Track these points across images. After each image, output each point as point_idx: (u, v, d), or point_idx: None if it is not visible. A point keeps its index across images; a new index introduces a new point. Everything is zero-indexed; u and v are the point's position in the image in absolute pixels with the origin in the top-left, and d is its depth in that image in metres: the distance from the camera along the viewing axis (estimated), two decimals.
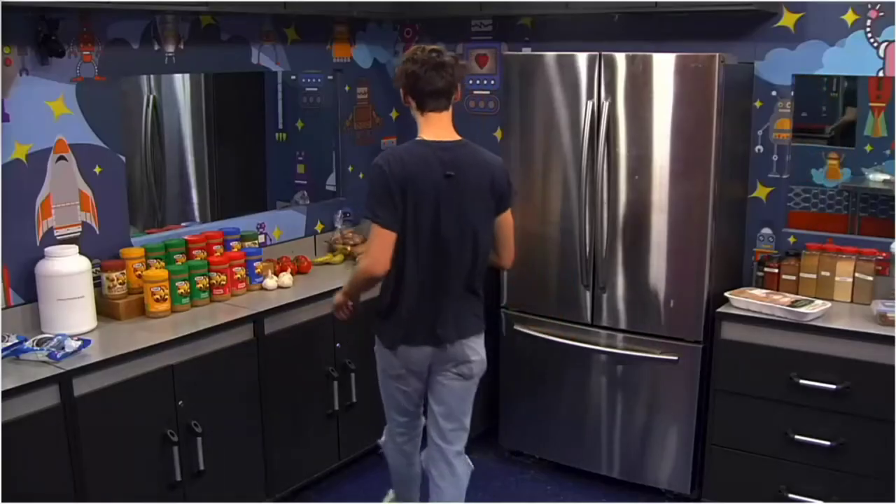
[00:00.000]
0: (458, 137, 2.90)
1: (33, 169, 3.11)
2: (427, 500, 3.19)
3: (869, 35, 3.44)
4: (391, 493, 3.48)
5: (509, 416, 4.02)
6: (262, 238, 3.95)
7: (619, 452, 3.72)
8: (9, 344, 2.81)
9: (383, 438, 3.29)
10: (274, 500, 3.48)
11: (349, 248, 4.09)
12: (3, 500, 2.17)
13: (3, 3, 2.60)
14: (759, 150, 3.73)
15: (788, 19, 3.59)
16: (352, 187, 4.50)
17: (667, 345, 3.53)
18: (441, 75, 2.79)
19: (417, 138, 2.88)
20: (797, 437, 3.25)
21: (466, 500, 3.38)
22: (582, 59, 3.53)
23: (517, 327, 3.88)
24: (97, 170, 3.33)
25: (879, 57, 3.43)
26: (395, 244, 2.78)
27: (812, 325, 3.22)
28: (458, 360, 2.97)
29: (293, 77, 4.43)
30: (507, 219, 2.98)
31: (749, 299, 3.39)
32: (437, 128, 2.86)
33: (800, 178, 3.75)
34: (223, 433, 3.21)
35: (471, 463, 3.15)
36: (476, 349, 3.02)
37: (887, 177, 3.65)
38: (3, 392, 2.54)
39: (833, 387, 3.16)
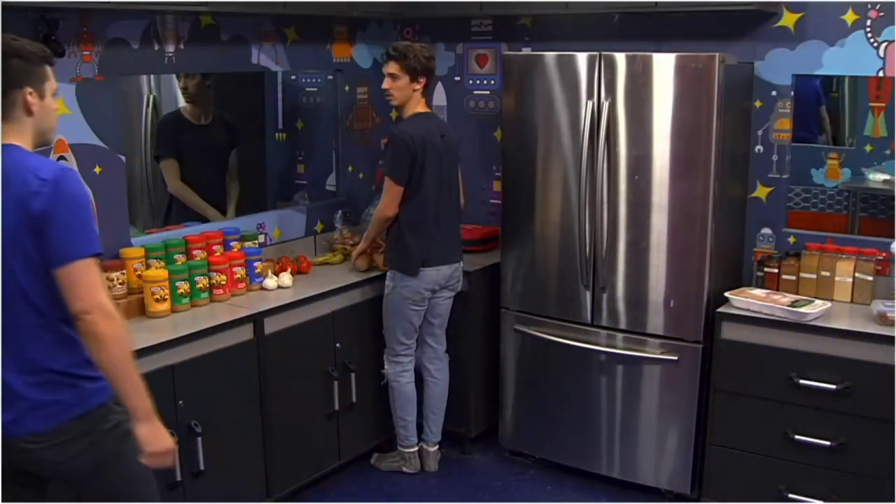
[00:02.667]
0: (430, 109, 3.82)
1: None
2: (424, 394, 3.91)
3: (869, 35, 3.44)
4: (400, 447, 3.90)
5: (509, 416, 4.02)
6: (262, 238, 3.95)
7: (619, 452, 3.72)
8: None
9: (389, 369, 3.81)
10: (274, 500, 3.48)
11: (349, 248, 4.09)
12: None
13: (3, 3, 2.60)
14: (759, 150, 3.73)
15: (788, 19, 3.59)
16: (352, 187, 4.50)
17: (667, 345, 3.53)
18: None
19: (418, 112, 3.66)
20: (797, 437, 3.25)
21: (466, 501, 3.65)
22: (582, 59, 3.53)
23: (517, 327, 3.88)
24: (97, 170, 3.33)
25: (879, 57, 3.43)
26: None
27: (812, 325, 3.22)
28: (455, 279, 3.77)
29: (293, 77, 4.43)
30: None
31: (749, 299, 3.39)
32: (424, 102, 3.71)
33: (800, 178, 3.75)
34: (223, 433, 3.21)
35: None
36: (461, 269, 3.83)
37: (887, 177, 3.65)
38: None
39: (833, 387, 3.16)
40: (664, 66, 3.37)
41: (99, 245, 2.11)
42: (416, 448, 3.90)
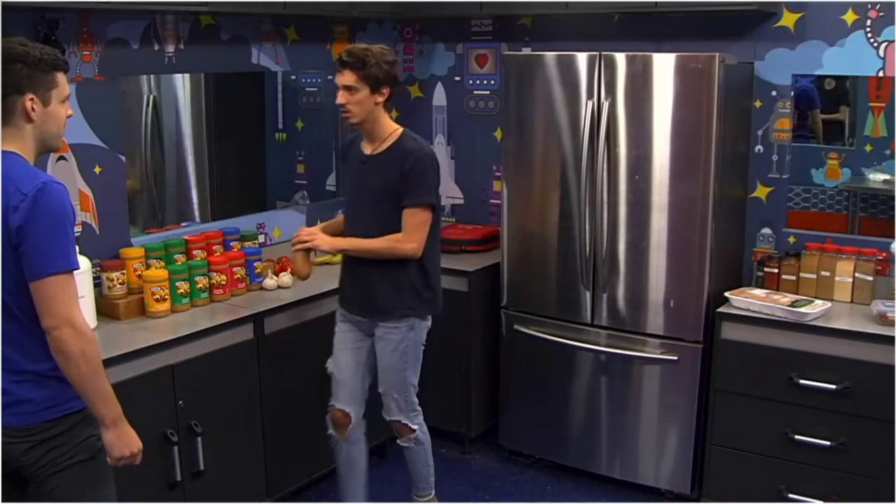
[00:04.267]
0: None
1: None
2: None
3: (869, 35, 3.44)
4: (431, 494, 3.48)
5: (509, 416, 4.02)
6: (262, 238, 3.95)
7: (619, 452, 3.72)
8: None
9: (416, 426, 3.30)
10: (274, 500, 3.48)
11: None
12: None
13: (3, 3, 2.60)
14: (759, 150, 3.74)
15: (788, 19, 3.59)
16: None
17: (667, 345, 3.53)
18: None
19: (402, 128, 3.14)
20: (797, 437, 3.25)
21: (466, 501, 3.64)
22: (582, 59, 3.53)
23: (517, 327, 3.88)
24: (97, 170, 3.34)
25: (879, 57, 3.43)
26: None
27: (812, 325, 3.22)
28: None
29: (293, 77, 4.42)
30: None
31: (749, 299, 3.39)
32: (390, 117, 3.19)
33: (800, 178, 3.75)
34: (223, 433, 3.21)
35: None
36: None
37: (887, 177, 3.65)
38: None
39: (833, 387, 3.16)
40: (664, 66, 3.37)
41: (75, 262, 2.12)
42: None
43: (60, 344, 2.07)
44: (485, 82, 4.44)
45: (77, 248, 3.03)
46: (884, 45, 3.42)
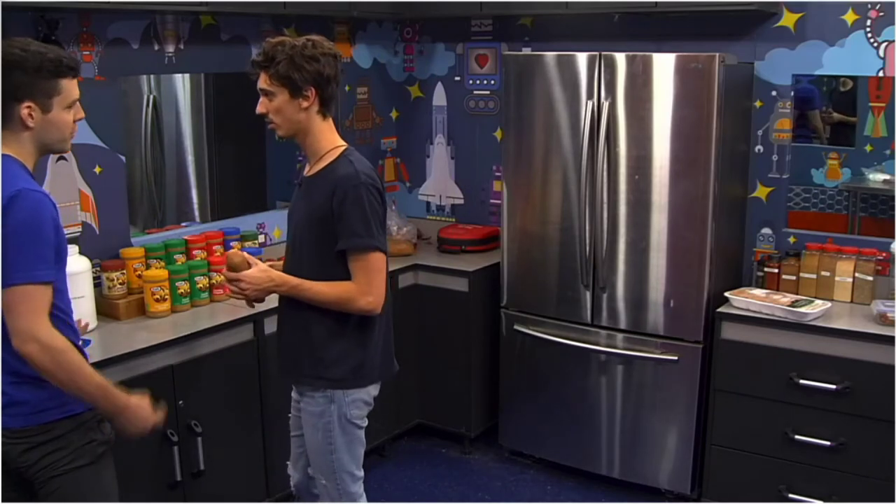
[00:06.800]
0: None
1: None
2: None
3: (869, 35, 3.44)
4: None
5: (509, 416, 4.02)
6: (262, 238, 3.95)
7: (619, 452, 3.72)
8: None
9: None
10: (274, 500, 3.48)
11: None
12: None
13: (3, 3, 2.60)
14: (759, 150, 3.74)
15: (788, 19, 3.59)
16: None
17: (667, 345, 3.53)
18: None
19: (345, 145, 2.59)
20: (797, 437, 3.25)
21: (466, 501, 3.59)
22: (582, 59, 3.53)
23: (517, 327, 3.88)
24: (97, 170, 3.34)
25: (879, 57, 3.43)
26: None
27: (812, 325, 3.22)
28: None
29: None
30: None
31: (749, 299, 3.39)
32: (334, 127, 2.60)
33: (800, 178, 3.75)
34: (223, 433, 3.21)
35: None
36: None
37: (887, 177, 3.65)
38: None
39: (833, 387, 3.16)
40: (664, 66, 3.37)
41: (40, 274, 2.01)
42: None
43: (31, 360, 2.02)
44: (485, 82, 4.44)
45: (77, 248, 3.07)
46: (884, 45, 3.41)
